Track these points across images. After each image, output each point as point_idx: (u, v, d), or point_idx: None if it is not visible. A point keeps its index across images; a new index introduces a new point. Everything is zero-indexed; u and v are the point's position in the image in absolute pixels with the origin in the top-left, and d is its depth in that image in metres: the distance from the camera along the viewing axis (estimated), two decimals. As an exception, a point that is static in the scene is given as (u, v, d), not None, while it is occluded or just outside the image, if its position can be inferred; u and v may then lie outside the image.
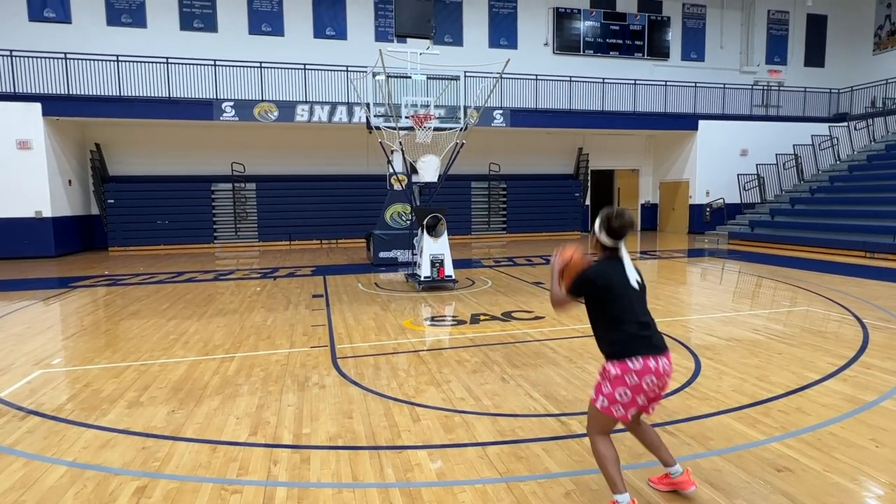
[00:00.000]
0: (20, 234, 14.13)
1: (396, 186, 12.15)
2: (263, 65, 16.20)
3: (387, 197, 12.32)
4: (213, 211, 17.35)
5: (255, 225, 17.62)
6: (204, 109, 15.36)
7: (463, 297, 8.06)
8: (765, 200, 18.21)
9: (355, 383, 4.36)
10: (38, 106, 14.09)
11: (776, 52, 22.46)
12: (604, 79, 18.94)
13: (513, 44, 19.93)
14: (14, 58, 14.35)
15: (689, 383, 4.25)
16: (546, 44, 20.33)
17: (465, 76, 10.29)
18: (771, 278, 9.54)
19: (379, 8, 18.65)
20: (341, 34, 18.36)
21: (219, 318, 6.91)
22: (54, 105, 14.32)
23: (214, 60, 15.82)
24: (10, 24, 15.40)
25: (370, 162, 18.83)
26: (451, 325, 6.35)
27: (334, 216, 17.83)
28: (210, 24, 17.23)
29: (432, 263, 8.77)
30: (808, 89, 21.00)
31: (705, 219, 19.38)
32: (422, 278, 8.82)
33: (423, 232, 8.88)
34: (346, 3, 18.29)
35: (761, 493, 2.68)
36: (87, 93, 14.99)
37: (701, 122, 19.27)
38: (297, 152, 18.04)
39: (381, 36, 18.68)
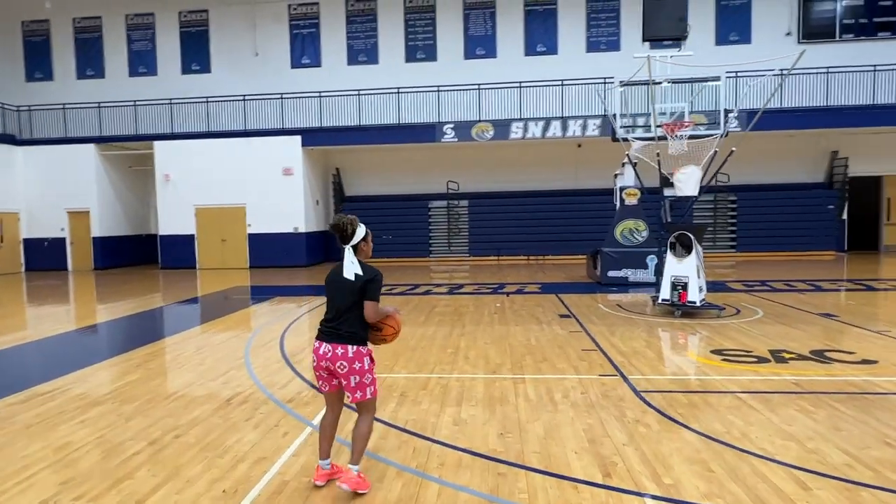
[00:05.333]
0: (281, 246, 16.67)
1: (628, 201, 11.39)
2: (481, 87, 16.79)
3: (617, 212, 11.59)
4: (430, 227, 18.48)
5: (467, 240, 18.28)
6: (427, 132, 16.48)
7: (739, 328, 6.97)
8: None
9: (685, 426, 3.80)
10: (298, 138, 16.58)
11: None
12: (875, 66, 15.59)
13: (745, 38, 17.63)
14: (283, 99, 17.11)
15: None
16: (788, 33, 17.58)
17: (725, 77, 9.12)
18: None
19: (591, 19, 18.11)
20: (552, 49, 18.23)
21: (478, 332, 6.97)
22: (311, 137, 16.69)
23: (438, 87, 16.88)
24: (278, 73, 18.47)
25: (578, 176, 18.31)
26: (753, 362, 5.41)
27: (542, 232, 17.61)
28: (431, 55, 18.53)
29: (673, 286, 7.83)
30: None
31: None
32: (660, 301, 7.95)
33: (668, 250, 8.01)
34: (557, 19, 18.14)
35: None
36: (334, 124, 17.19)
37: None
38: (507, 169, 18.32)
39: (592, 46, 18.12)
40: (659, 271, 11.00)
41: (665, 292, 7.88)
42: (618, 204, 11.80)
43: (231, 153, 16.59)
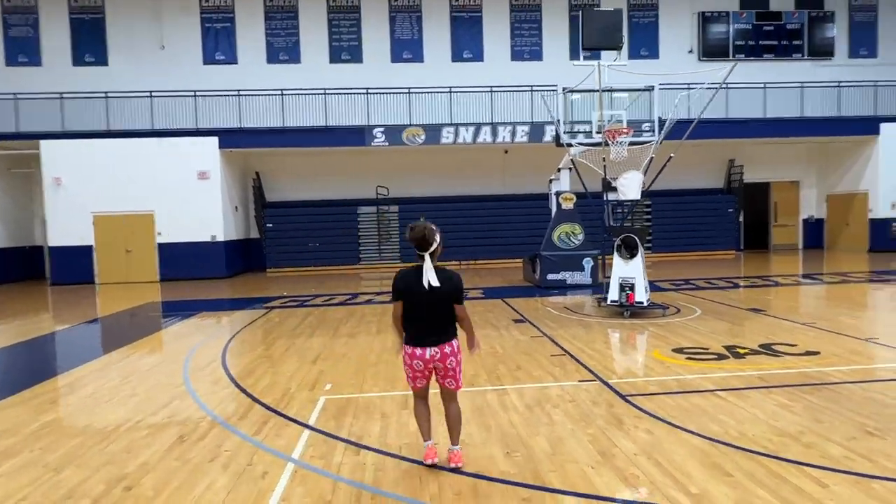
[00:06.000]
0: (197, 256, 15.31)
1: (565, 205, 11.66)
2: (412, 90, 16.55)
3: (553, 217, 11.83)
4: (359, 233, 17.89)
5: (398, 246, 17.91)
6: (356, 136, 15.96)
7: (687, 326, 7.27)
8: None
9: (683, 429, 3.79)
10: (215, 140, 15.35)
11: (966, 41, 19.45)
12: (765, 83, 17.31)
13: (654, 53, 18.92)
14: (197, 97, 15.77)
15: None
16: (691, 51, 19.10)
17: (658, 88, 9.59)
18: None
19: (515, 29, 18.54)
20: (478, 56, 18.43)
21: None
22: (229, 138, 15.53)
23: (367, 89, 16.41)
24: (188, 69, 17.03)
25: (506, 181, 18.60)
26: (714, 359, 5.62)
27: (472, 237, 17.66)
28: (356, 56, 18.01)
29: (621, 287, 8.08)
30: None
31: (891, 235, 16.95)
32: (608, 302, 8.18)
33: (614, 253, 8.27)
34: (482, 27, 18.37)
35: None
36: (254, 125, 16.12)
37: (882, 126, 17.00)
38: (436, 174, 18.19)
39: (516, 55, 18.56)
40: (595, 274, 11.41)
41: (613, 294, 8.07)
42: (554, 208, 12.06)
43: (137, 155, 14.98)
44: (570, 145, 9.17)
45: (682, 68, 18.57)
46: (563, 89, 9.42)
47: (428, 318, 3.18)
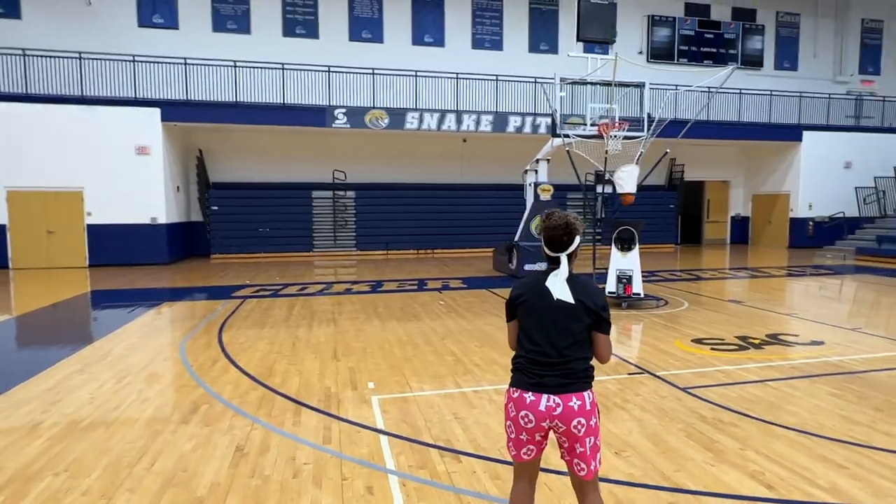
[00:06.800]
0: (135, 240, 13.85)
1: (543, 196, 11.73)
2: (375, 71, 15.90)
3: (531, 208, 11.86)
4: (313, 219, 17.03)
5: (354, 234, 17.27)
6: (317, 116, 15.09)
7: (688, 317, 7.55)
8: (886, 215, 17.54)
9: (767, 422, 3.86)
10: (157, 111, 13.88)
11: (869, 61, 21.85)
12: (709, 88, 18.35)
13: (606, 52, 19.49)
14: (137, 63, 14.16)
15: None
16: (640, 52, 19.90)
17: (649, 86, 9.85)
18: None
19: (476, 16, 18.35)
20: (439, 41, 18.06)
21: (457, 333, 6.45)
22: (173, 110, 14.09)
23: (328, 67, 15.55)
24: (121, 31, 15.24)
25: (464, 171, 18.48)
26: (736, 349, 5.84)
27: (429, 226, 17.41)
28: (311, 31, 17.02)
29: (619, 279, 8.29)
30: (911, 100, 20.34)
31: (808, 233, 18.75)
32: (606, 293, 8.35)
33: (612, 245, 8.44)
34: (444, 11, 18.00)
35: None
36: (203, 99, 14.76)
37: (805, 133, 18.70)
38: (394, 160, 17.69)
39: (477, 44, 18.39)
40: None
41: (611, 285, 8.21)
42: (529, 199, 12.10)
43: (63, 124, 13.20)
44: (566, 136, 9.18)
45: (632, 68, 19.34)
46: (562, 80, 9.36)
47: (550, 349, 2.15)
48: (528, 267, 11.58)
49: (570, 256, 2.20)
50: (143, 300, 9.13)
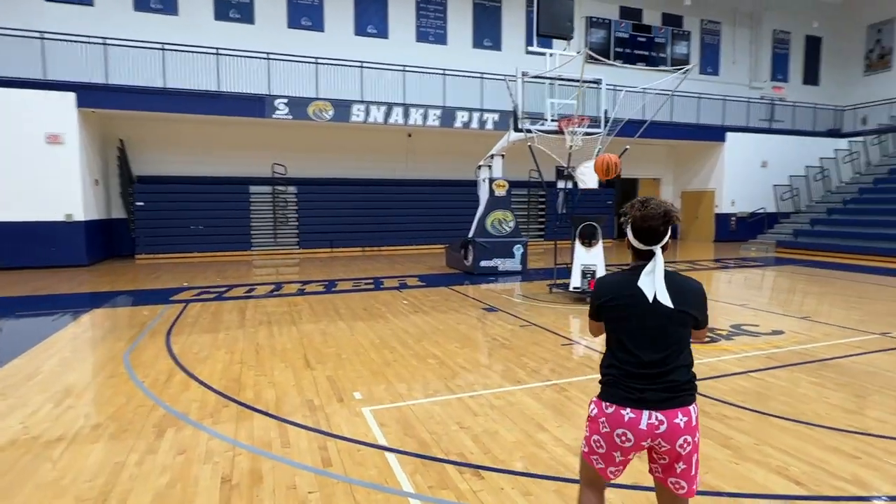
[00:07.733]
0: (49, 239, 12.38)
1: (498, 192, 11.65)
2: (318, 60, 15.17)
3: (486, 204, 11.74)
4: (251, 216, 16.04)
5: (296, 231, 16.44)
6: (255, 106, 14.17)
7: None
8: (799, 210, 19.06)
9: (765, 413, 3.90)
10: (71, 96, 12.44)
11: (779, 69, 23.72)
12: (644, 88, 19.11)
13: (548, 46, 19.80)
14: (45, 41, 12.61)
15: None
16: (579, 52, 20.34)
17: (604, 84, 9.97)
18: None
19: (420, 8, 18.02)
20: (383, 33, 17.56)
21: (438, 336, 6.17)
22: (91, 96, 12.70)
23: (268, 54, 14.64)
24: (27, 5, 13.54)
25: (409, 166, 18.13)
26: (707, 340, 5.97)
27: (375, 222, 16.92)
28: (246, 15, 15.98)
29: (583, 274, 8.37)
30: (817, 105, 22.29)
31: (731, 228, 20.06)
32: (570, 289, 8.40)
33: (575, 241, 8.49)
34: (387, 1, 17.52)
35: None
36: (125, 83, 13.42)
37: (728, 135, 19.96)
38: (336, 155, 17.04)
39: (422, 36, 18.07)
40: (524, 260, 11.61)
41: (576, 280, 8.25)
42: (484, 195, 11.99)
43: (-45, 107, 11.52)
44: (528, 131, 9.11)
45: (572, 66, 19.80)
46: (524, 74, 9.29)
47: (647, 359, 1.92)
48: (483, 263, 11.48)
49: (663, 249, 1.97)
50: (67, 307, 8.09)
